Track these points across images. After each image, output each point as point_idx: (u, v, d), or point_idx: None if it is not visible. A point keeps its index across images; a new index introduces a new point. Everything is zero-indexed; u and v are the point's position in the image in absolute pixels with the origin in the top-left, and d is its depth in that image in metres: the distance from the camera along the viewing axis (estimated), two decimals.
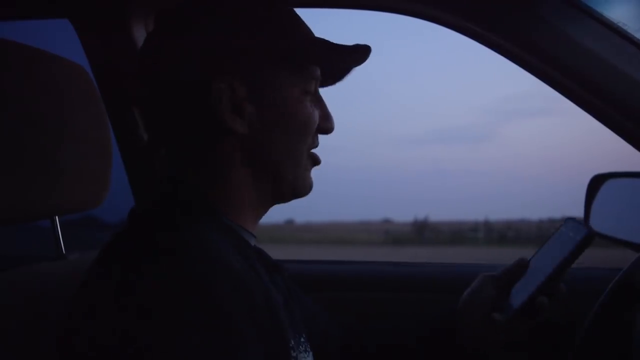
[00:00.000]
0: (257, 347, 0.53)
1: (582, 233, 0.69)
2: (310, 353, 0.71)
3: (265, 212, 0.71)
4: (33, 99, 0.69)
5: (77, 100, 0.77)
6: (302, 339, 0.70)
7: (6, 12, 1.11)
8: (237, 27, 0.63)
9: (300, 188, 0.69)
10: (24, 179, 0.68)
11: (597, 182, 0.98)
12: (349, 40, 0.68)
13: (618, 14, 0.77)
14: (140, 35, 1.14)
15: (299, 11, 0.70)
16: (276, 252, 0.85)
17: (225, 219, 0.65)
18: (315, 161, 0.71)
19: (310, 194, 0.71)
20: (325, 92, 0.72)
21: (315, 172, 0.72)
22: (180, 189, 0.65)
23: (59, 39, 1.16)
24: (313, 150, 0.70)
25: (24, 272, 0.76)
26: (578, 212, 1.00)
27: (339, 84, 0.74)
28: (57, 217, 0.88)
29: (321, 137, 0.71)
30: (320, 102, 0.70)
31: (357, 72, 0.74)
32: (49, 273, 0.79)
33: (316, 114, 0.68)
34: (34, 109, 0.69)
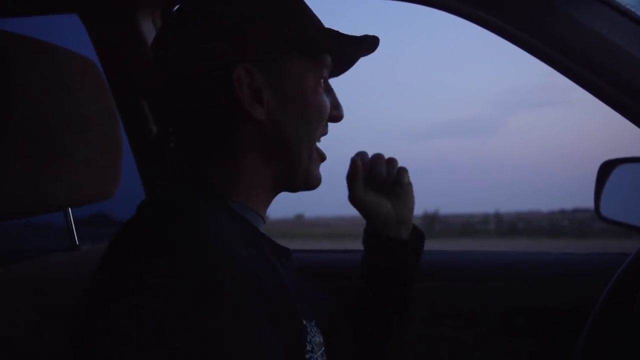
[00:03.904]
0: (270, 332, 0.53)
1: None
2: (320, 335, 0.71)
3: (273, 198, 0.71)
4: (44, 92, 0.70)
5: (87, 94, 0.78)
6: (312, 322, 0.70)
7: (17, 8, 1.12)
8: (253, 14, 0.64)
9: (311, 180, 0.70)
10: (36, 172, 0.69)
11: (607, 168, 0.98)
12: (352, 29, 0.70)
13: None
14: (148, 28, 1.15)
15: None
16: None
17: (235, 204, 0.65)
18: (322, 157, 0.72)
19: (320, 188, 0.72)
20: (331, 83, 0.73)
21: (324, 166, 0.73)
22: (191, 177, 0.66)
23: (69, 33, 1.17)
24: (319, 146, 0.71)
25: (39, 263, 0.78)
26: (589, 201, 0.99)
27: (348, 76, 0.76)
28: (70, 209, 0.89)
29: (329, 129, 0.72)
30: (330, 91, 0.72)
31: (364, 64, 0.76)
32: (63, 263, 0.80)
33: (328, 102, 0.69)
34: (45, 102, 0.70)
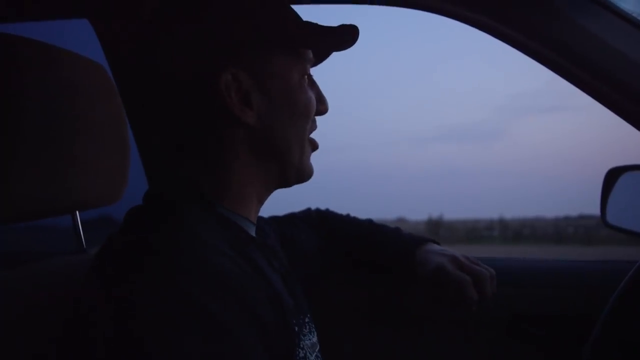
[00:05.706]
0: (255, 343, 0.51)
1: None
2: (315, 332, 0.71)
3: (267, 197, 0.70)
4: (53, 96, 0.70)
5: (95, 98, 0.79)
6: (306, 319, 0.69)
7: (27, 13, 1.13)
8: (233, 16, 0.62)
9: (303, 173, 0.70)
10: (44, 175, 0.69)
11: (613, 175, 0.98)
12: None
13: (630, 5, 0.76)
14: None
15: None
16: None
17: (224, 210, 0.64)
18: (314, 146, 0.71)
19: (324, 192, 0.72)
20: (337, 89, 0.73)
21: (328, 171, 0.73)
22: (176, 184, 0.65)
23: (79, 38, 1.18)
24: (311, 136, 0.71)
25: (47, 265, 0.78)
26: (594, 207, 0.99)
27: (352, 80, 0.76)
28: (77, 212, 0.90)
29: (333, 136, 0.72)
30: (314, 85, 0.70)
31: (368, 68, 0.76)
32: (70, 266, 0.80)
33: (313, 97, 0.68)
34: (53, 106, 0.70)
